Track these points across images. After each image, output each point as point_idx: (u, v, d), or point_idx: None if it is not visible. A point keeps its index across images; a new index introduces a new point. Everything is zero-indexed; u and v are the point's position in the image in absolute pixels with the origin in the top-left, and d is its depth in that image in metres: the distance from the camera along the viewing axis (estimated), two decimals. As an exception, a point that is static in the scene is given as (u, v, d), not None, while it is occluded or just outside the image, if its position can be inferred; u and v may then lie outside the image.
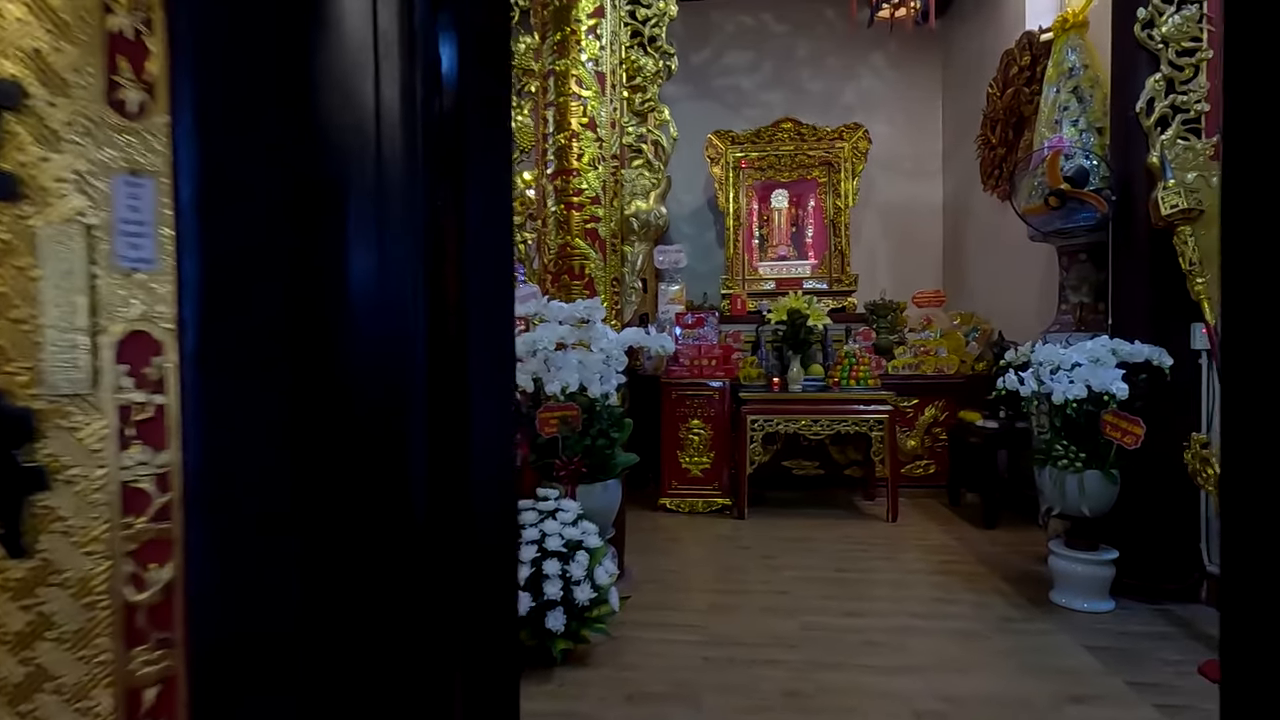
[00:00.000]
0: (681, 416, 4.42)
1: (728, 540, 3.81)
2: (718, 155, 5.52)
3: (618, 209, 3.07)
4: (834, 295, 5.35)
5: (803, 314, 4.32)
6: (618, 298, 3.07)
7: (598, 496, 2.61)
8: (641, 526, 4.04)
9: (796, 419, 4.18)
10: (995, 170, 4.70)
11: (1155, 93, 2.78)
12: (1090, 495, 2.70)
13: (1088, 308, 3.23)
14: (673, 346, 2.61)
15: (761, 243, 5.78)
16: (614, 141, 3.07)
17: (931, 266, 6.08)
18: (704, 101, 6.17)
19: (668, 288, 5.07)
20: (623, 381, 2.61)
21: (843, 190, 5.39)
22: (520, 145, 3.24)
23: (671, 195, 6.35)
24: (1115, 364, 2.68)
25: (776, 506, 4.52)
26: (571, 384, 2.46)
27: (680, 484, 4.42)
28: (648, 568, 3.32)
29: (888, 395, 4.21)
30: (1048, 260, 4.16)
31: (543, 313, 2.59)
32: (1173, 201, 2.59)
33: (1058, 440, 2.80)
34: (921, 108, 6.07)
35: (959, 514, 4.33)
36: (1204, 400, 2.78)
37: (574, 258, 2.99)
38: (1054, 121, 3.22)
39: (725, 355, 4.46)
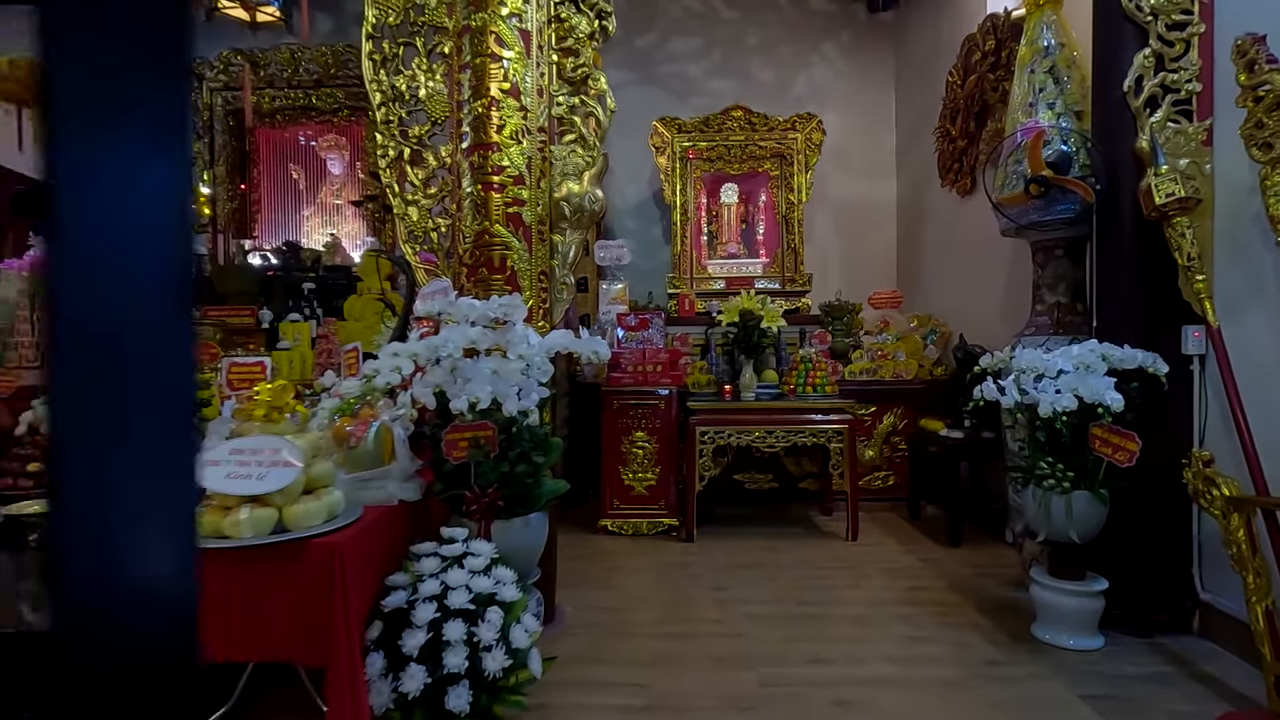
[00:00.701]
0: (624, 428, 3.99)
1: (675, 568, 3.40)
2: (663, 144, 5.13)
3: (546, 191, 2.63)
4: (787, 296, 5.02)
5: (755, 315, 3.96)
6: (545, 295, 2.63)
7: (518, 534, 2.16)
8: (578, 553, 3.60)
9: (750, 430, 3.81)
10: (955, 164, 4.45)
11: (1144, 70, 2.51)
12: (1079, 519, 2.40)
13: (1065, 308, 2.96)
14: (607, 352, 2.18)
15: (710, 239, 5.42)
16: (541, 112, 2.62)
17: (885, 266, 5.83)
18: (649, 88, 5.77)
19: (609, 286, 4.65)
20: (546, 396, 2.17)
21: (796, 184, 5.07)
22: (432, 115, 2.76)
23: (615, 187, 5.94)
24: (1105, 371, 2.39)
25: (728, 525, 4.15)
26: (482, 399, 2.00)
27: (623, 503, 4.00)
28: (584, 605, 2.89)
29: (847, 404, 3.88)
30: (1012, 258, 3.92)
31: (449, 312, 2.12)
32: (1168, 189, 2.31)
33: (1041, 457, 2.49)
34: (875, 100, 5.83)
35: (921, 529, 4.04)
36: (1196, 411, 2.52)
37: (493, 247, 2.54)
38: (1029, 105, 2.94)
39: (672, 360, 4.06)
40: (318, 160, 5.36)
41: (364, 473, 2.00)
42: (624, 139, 5.70)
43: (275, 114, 5.08)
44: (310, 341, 4.06)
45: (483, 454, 2.09)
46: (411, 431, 2.09)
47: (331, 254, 4.68)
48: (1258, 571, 2.01)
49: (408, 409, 2.02)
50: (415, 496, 2.08)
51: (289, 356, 3.95)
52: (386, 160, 2.78)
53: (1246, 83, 2.02)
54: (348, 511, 1.83)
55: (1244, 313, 2.34)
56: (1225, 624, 2.42)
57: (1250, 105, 2.01)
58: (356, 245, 5.38)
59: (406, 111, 2.78)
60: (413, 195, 2.78)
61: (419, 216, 2.77)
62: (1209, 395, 2.49)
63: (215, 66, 4.99)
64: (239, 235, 5.08)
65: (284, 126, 5.19)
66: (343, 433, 2.05)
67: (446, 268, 2.74)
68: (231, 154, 5.08)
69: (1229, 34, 2.40)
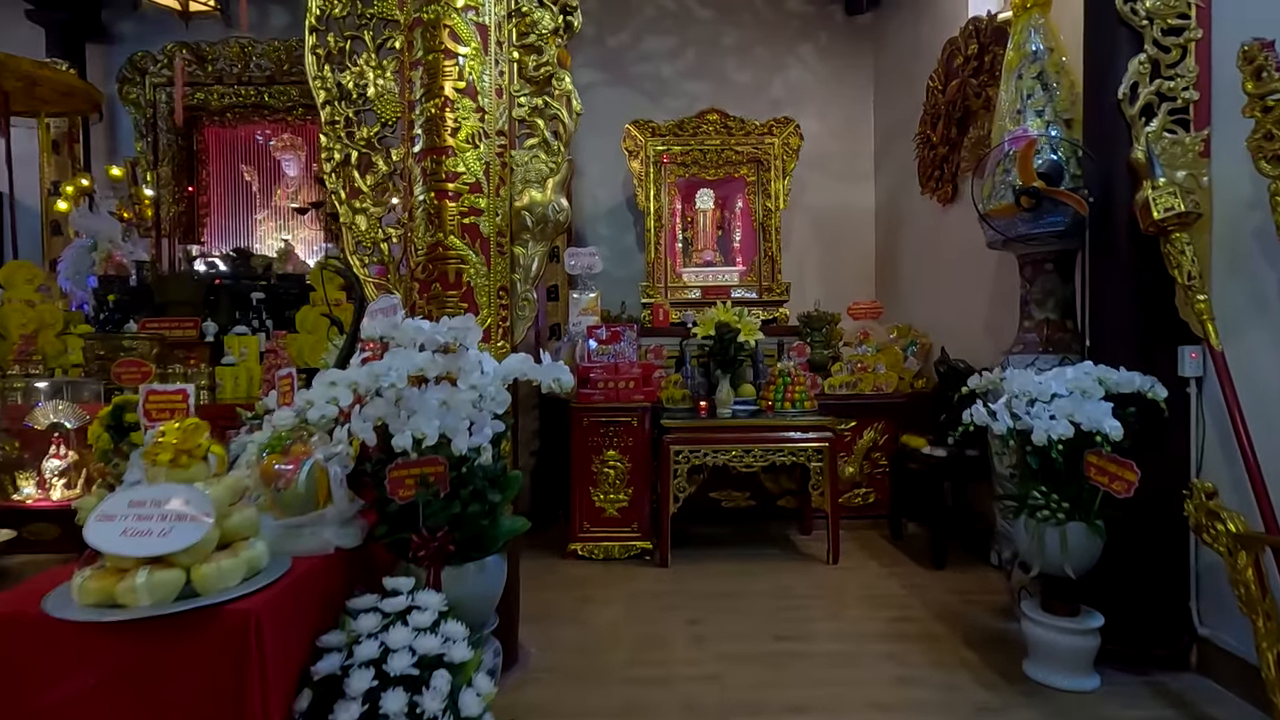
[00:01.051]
0: (595, 447, 3.79)
1: (648, 598, 3.21)
2: (637, 148, 4.94)
3: (506, 200, 2.42)
4: (764, 305, 4.86)
5: (733, 328, 3.78)
6: (505, 312, 2.42)
7: (472, 581, 1.95)
8: (546, 581, 3.39)
9: (727, 449, 3.63)
10: (935, 171, 4.33)
11: (1139, 76, 2.38)
12: (1074, 552, 2.26)
13: (1055, 325, 2.82)
14: (571, 380, 1.98)
15: (685, 246, 5.25)
16: (500, 114, 2.41)
17: (863, 275, 5.71)
18: (621, 88, 5.58)
19: (581, 296, 4.45)
20: (502, 430, 1.96)
21: (773, 190, 4.92)
22: (382, 116, 2.54)
23: (586, 191, 5.74)
24: (1103, 395, 2.25)
25: (703, 546, 3.97)
26: (429, 434, 1.79)
27: (594, 525, 3.80)
28: (549, 644, 2.68)
29: (828, 420, 3.73)
30: (996, 269, 3.80)
31: (393, 335, 1.90)
32: (1167, 204, 2.18)
33: (1034, 486, 2.35)
34: (853, 104, 5.70)
35: (903, 550, 3.90)
36: (1193, 436, 2.40)
37: (448, 261, 2.32)
38: (1016, 112, 2.80)
39: (645, 375, 3.87)
40: (272, 161, 5.08)
41: (295, 518, 1.78)
42: (595, 141, 5.50)
43: (225, 112, 4.78)
44: (258, 356, 3.80)
45: (432, 493, 1.87)
46: (351, 469, 1.87)
47: (284, 261, 4.40)
48: (1268, 614, 1.88)
49: (346, 445, 1.81)
50: (355, 542, 1.86)
51: (234, 372, 3.69)
52: (332, 164, 2.56)
53: (1254, 91, 1.89)
54: (273, 565, 1.61)
55: (1244, 333, 2.21)
56: (1226, 662, 2.30)
57: (1258, 115, 1.88)
58: (314, 251, 5.11)
59: (354, 111, 2.55)
60: (361, 203, 2.56)
61: (368, 226, 2.55)
62: (1206, 420, 2.37)
63: (159, 61, 4.68)
64: (186, 240, 4.78)
65: (235, 125, 4.89)
66: (272, 472, 1.82)
67: (398, 282, 2.52)
68: (178, 154, 4.78)
69: (1227, 40, 2.29)
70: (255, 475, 1.86)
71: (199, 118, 4.85)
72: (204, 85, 4.64)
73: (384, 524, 1.94)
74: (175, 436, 1.54)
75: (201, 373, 3.47)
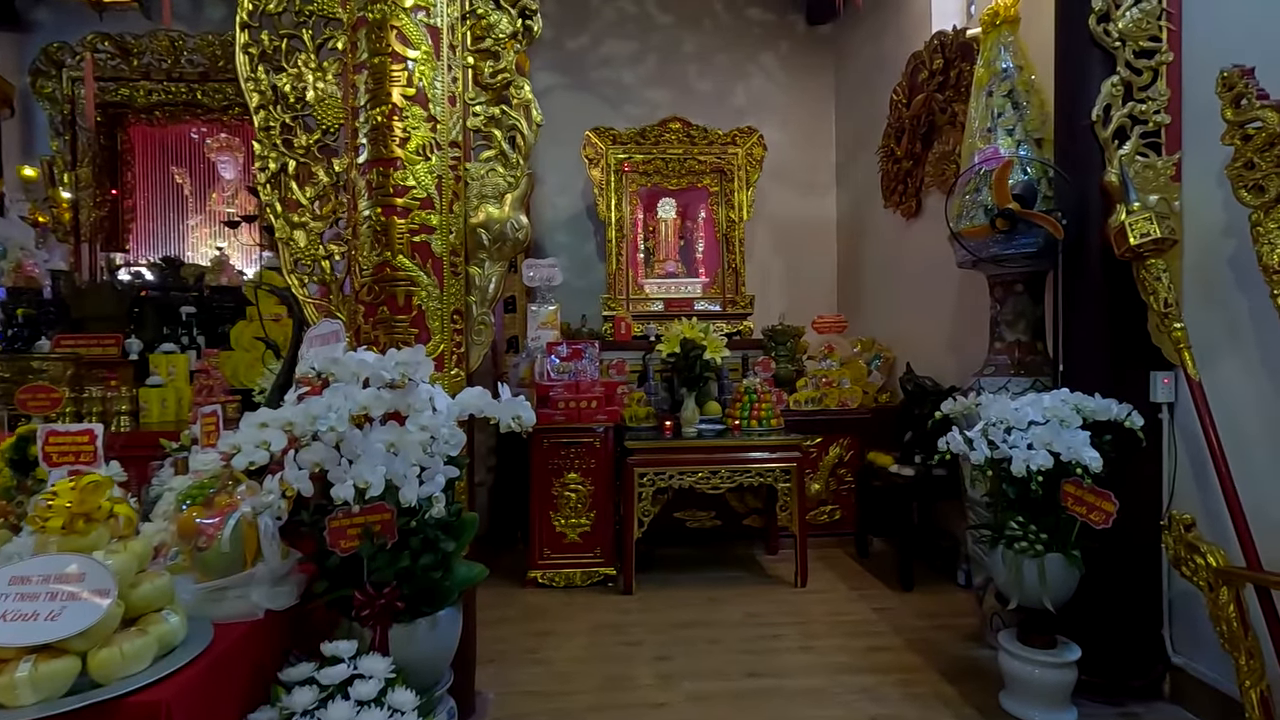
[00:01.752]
0: (555, 470, 3.62)
1: (612, 630, 3.06)
2: (597, 156, 4.79)
3: (460, 216, 2.24)
4: (729, 318, 4.77)
5: (698, 345, 3.67)
6: (460, 338, 2.23)
7: (424, 640, 1.77)
8: (504, 614, 3.21)
9: (693, 471, 3.51)
10: (900, 185, 4.30)
11: (1112, 98, 2.35)
12: (1052, 584, 2.20)
13: (1025, 347, 2.78)
14: (532, 417, 1.82)
15: (648, 257, 5.11)
16: (454, 124, 2.23)
17: (825, 287, 5.68)
18: (581, 94, 5.42)
19: (540, 309, 4.27)
20: (456, 475, 1.78)
21: (736, 201, 4.83)
22: (323, 122, 2.33)
23: (544, 199, 5.56)
24: (1080, 424, 2.20)
25: (669, 570, 3.84)
26: (374, 483, 1.60)
27: (554, 552, 3.63)
28: (508, 687, 2.51)
29: (796, 440, 3.64)
30: (961, 286, 3.78)
31: (332, 370, 1.71)
32: (1144, 229, 2.14)
33: (1011, 516, 2.28)
34: (814, 115, 5.67)
35: (870, 569, 3.84)
36: (1165, 464, 2.38)
37: (396, 282, 2.13)
38: (987, 130, 2.76)
39: (608, 394, 3.72)
40: (206, 163, 4.74)
41: (219, 580, 1.57)
42: (554, 148, 5.33)
43: (153, 110, 4.43)
44: (188, 376, 3.50)
45: (378, 544, 1.69)
46: (284, 521, 1.66)
47: (218, 272, 4.10)
48: (1250, 652, 1.84)
49: (278, 494, 1.61)
50: (288, 603, 1.66)
51: (160, 394, 3.40)
52: (267, 174, 2.33)
53: (1234, 119, 1.85)
54: (191, 639, 1.41)
55: (1217, 362, 2.19)
56: (1198, 690, 2.28)
57: (1238, 143, 1.84)
58: (252, 261, 4.79)
59: (291, 117, 2.33)
60: (299, 216, 2.34)
61: (307, 242, 2.33)
62: (1179, 447, 2.35)
63: (77, 53, 4.31)
64: (109, 248, 4.41)
65: (164, 124, 4.55)
66: (192, 527, 1.61)
67: (342, 305, 2.31)
68: (100, 154, 4.41)
69: (1197, 64, 2.27)
70: (173, 530, 1.65)
71: (123, 115, 4.49)
72: (129, 81, 4.29)
73: (323, 579, 1.74)
74: (69, 498, 1.32)
75: (122, 396, 3.17)
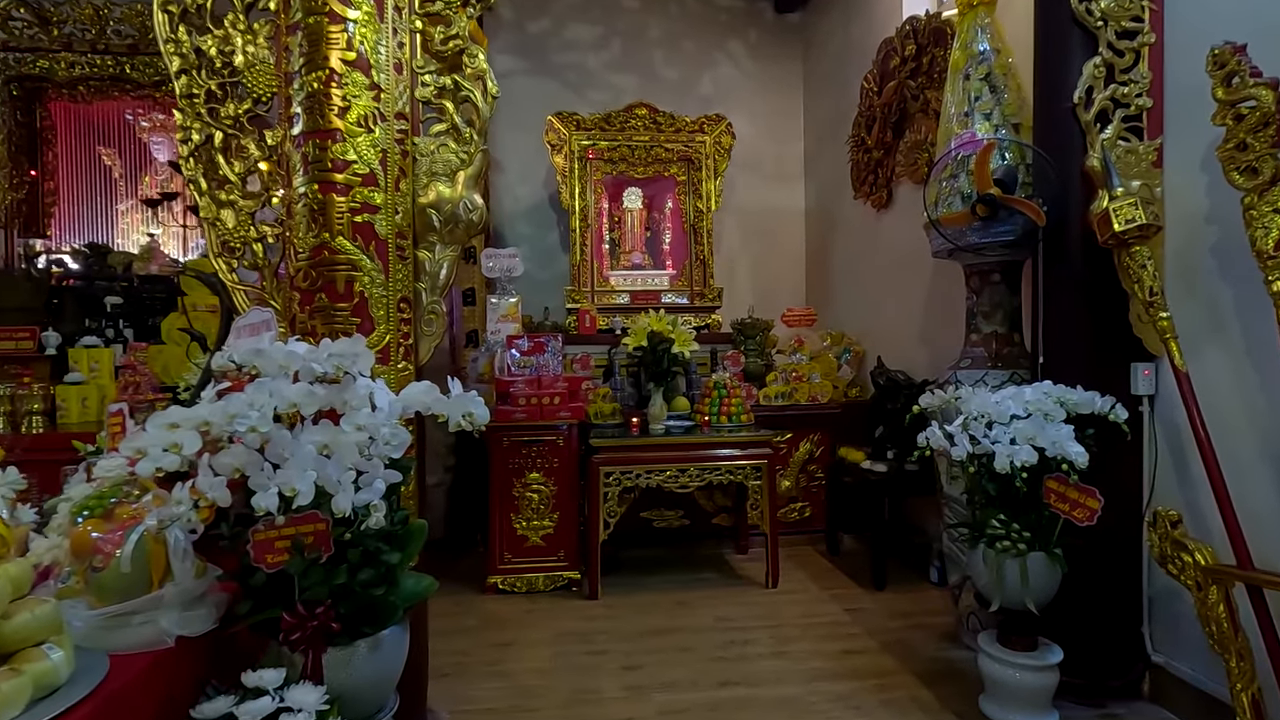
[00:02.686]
0: (516, 470, 3.44)
1: (577, 639, 2.90)
2: (560, 142, 4.60)
3: (407, 195, 2.04)
4: (696, 311, 4.63)
5: (666, 338, 3.52)
6: (407, 328, 2.04)
7: (363, 663, 1.58)
8: (462, 624, 3.02)
9: (661, 469, 3.37)
10: (870, 175, 4.21)
11: (1094, 80, 2.27)
12: (1035, 584, 2.12)
13: (1003, 339, 2.71)
14: (487, 415, 1.65)
15: (613, 248, 4.95)
16: (401, 94, 2.04)
17: (794, 280, 5.59)
18: (542, 78, 5.22)
19: (500, 301, 4.07)
20: (397, 480, 1.60)
21: (704, 191, 4.69)
22: (253, 90, 2.11)
23: (505, 187, 5.35)
24: (1064, 417, 2.11)
25: (636, 572, 3.69)
26: (302, 491, 1.41)
27: (515, 556, 3.45)
28: (465, 705, 2.34)
29: (766, 436, 3.52)
30: (933, 277, 3.70)
31: (256, 362, 1.51)
32: (1129, 215, 2.06)
33: (993, 514, 2.19)
34: (783, 104, 5.57)
35: (841, 567, 3.76)
36: (1146, 458, 2.31)
37: (336, 266, 1.93)
38: (964, 115, 2.67)
39: (571, 390, 3.55)
40: (139, 144, 4.41)
41: (119, 605, 1.36)
42: (515, 134, 5.13)
43: (76, 84, 4.09)
44: (112, 371, 3.22)
45: (311, 558, 1.50)
46: (200, 534, 1.46)
47: (147, 260, 3.80)
48: (1241, 654, 1.77)
49: (188, 506, 1.40)
50: (204, 627, 1.45)
51: (81, 392, 3.11)
52: (190, 146, 2.10)
53: (1225, 98, 1.77)
54: (80, 677, 1.20)
55: (1200, 352, 2.13)
56: (1179, 690, 2.22)
57: (1230, 123, 1.77)
58: (193, 249, 4.48)
59: (217, 84, 2.10)
60: (228, 194, 2.11)
61: (236, 223, 2.11)
62: (1160, 441, 2.29)
63: (-10, 20, 3.95)
64: (27, 233, 4.07)
65: (90, 100, 4.20)
66: (87, 543, 1.40)
67: (277, 292, 2.10)
68: (16, 131, 4.05)
69: (1179, 45, 2.21)
70: (66, 547, 1.44)
71: (42, 89, 4.13)
72: (48, 52, 3.95)
73: (248, 599, 1.54)
74: (-77, 515, 1.11)
75: (34, 395, 2.88)
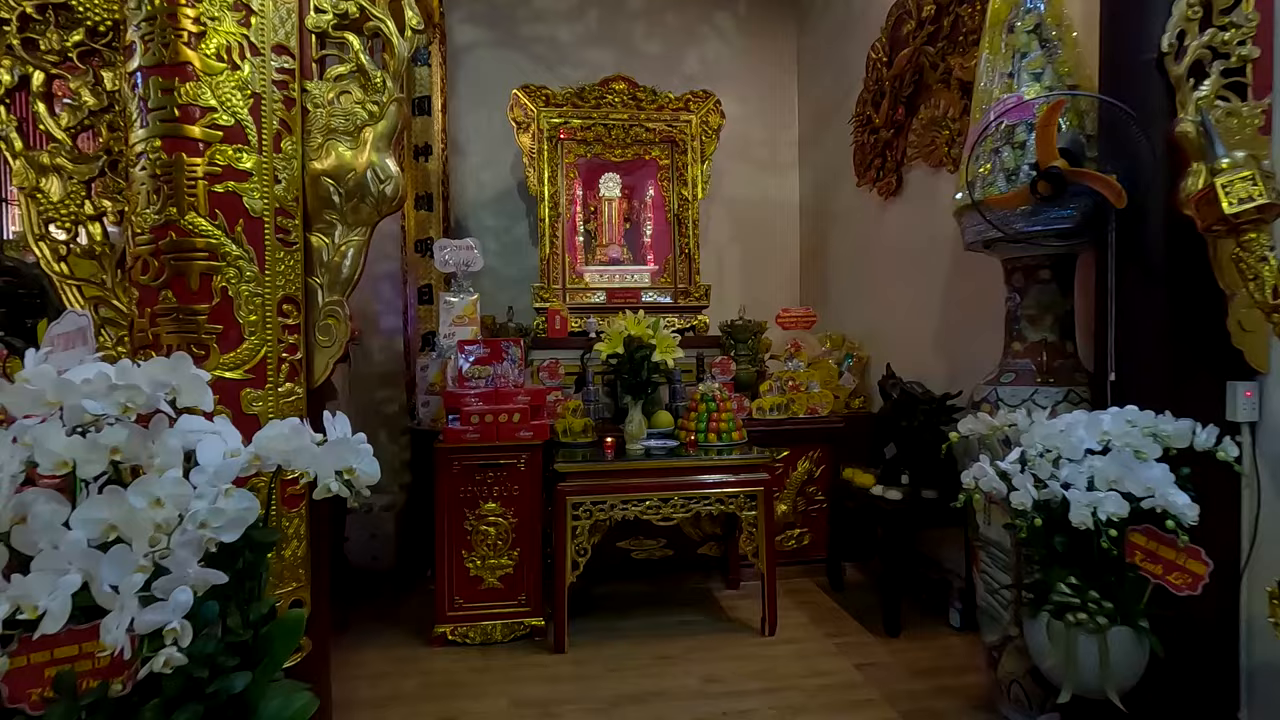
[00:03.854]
0: (469, 499, 2.92)
1: (537, 711, 2.38)
2: (527, 119, 4.07)
3: (293, 158, 1.53)
4: (681, 311, 4.13)
5: (646, 344, 3.01)
6: (294, 337, 1.52)
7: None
8: (400, 690, 2.51)
9: (640, 499, 2.86)
10: (876, 159, 3.74)
11: (1186, 23, 1.79)
12: (1118, 667, 1.65)
13: (1053, 349, 2.23)
14: (375, 471, 1.13)
15: (588, 240, 4.43)
16: (283, 20, 1.52)
17: (786, 277, 5.12)
18: (509, 52, 4.69)
19: (456, 300, 3.53)
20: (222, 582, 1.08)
21: (690, 177, 4.19)
22: (88, 16, 1.56)
23: (469, 174, 4.80)
24: (1159, 454, 1.64)
25: (610, 613, 3.19)
26: (52, 610, 0.88)
27: (469, 600, 2.93)
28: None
29: (764, 458, 3.03)
30: (950, 274, 3.23)
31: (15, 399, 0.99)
32: (1244, 193, 1.59)
33: (1062, 575, 1.71)
34: (776, 85, 5.08)
35: (846, 606, 3.28)
36: (1245, 502, 1.85)
37: (190, 253, 1.41)
38: (1007, 76, 2.19)
39: (535, 404, 3.03)
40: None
41: None
42: (479, 114, 4.60)
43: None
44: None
45: (92, 697, 0.97)
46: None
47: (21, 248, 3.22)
48: None
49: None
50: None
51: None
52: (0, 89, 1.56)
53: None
54: None
55: (1323, 368, 1.67)
56: (1290, 794, 1.77)
57: None
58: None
59: (36, 6, 1.56)
60: (52, 155, 1.57)
61: (64, 194, 1.57)
62: (1262, 479, 1.83)
63: None
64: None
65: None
66: None
67: (118, 287, 1.56)
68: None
69: (1294, -20, 1.74)
70: None
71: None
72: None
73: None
74: None
75: None
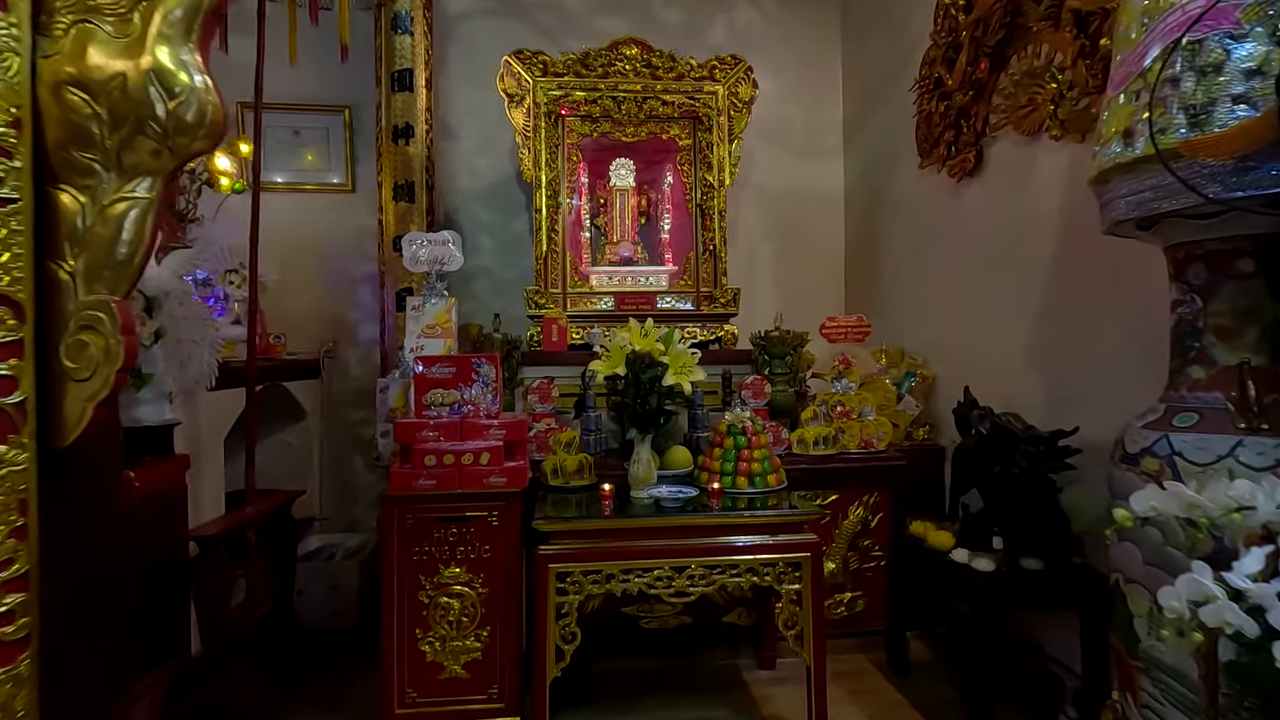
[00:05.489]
0: (425, 563, 2.26)
1: None
2: (521, 91, 3.42)
3: (9, 51, 0.90)
4: (704, 321, 3.44)
5: (655, 363, 2.33)
6: (17, 363, 0.88)
7: None
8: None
9: (647, 567, 2.17)
10: (948, 132, 3.01)
11: None
12: None
13: (1263, 377, 1.49)
14: None
15: (595, 237, 3.78)
16: None
17: (830, 281, 4.40)
18: (508, 21, 4.08)
19: (426, 305, 2.89)
20: None
21: (715, 159, 3.50)
22: None
23: (462, 160, 4.17)
24: None
25: (610, 703, 2.51)
26: None
27: (424, 694, 2.26)
28: None
29: (811, 511, 2.31)
30: (1053, 270, 2.49)
31: None
32: None
33: None
34: (816, 57, 4.39)
35: (914, 698, 2.55)
36: None
37: None
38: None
39: (513, 439, 2.36)
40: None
41: None
42: (472, 91, 4.00)
43: None
44: None
45: None
46: None
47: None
48: None
49: None
50: None
51: None
52: None
53: None
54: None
55: None
56: None
57: None
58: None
59: None
60: None
61: None
62: None
63: None
64: None
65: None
66: None
67: None
68: None
69: None
70: None
71: None
72: None
73: None
74: None
75: None
